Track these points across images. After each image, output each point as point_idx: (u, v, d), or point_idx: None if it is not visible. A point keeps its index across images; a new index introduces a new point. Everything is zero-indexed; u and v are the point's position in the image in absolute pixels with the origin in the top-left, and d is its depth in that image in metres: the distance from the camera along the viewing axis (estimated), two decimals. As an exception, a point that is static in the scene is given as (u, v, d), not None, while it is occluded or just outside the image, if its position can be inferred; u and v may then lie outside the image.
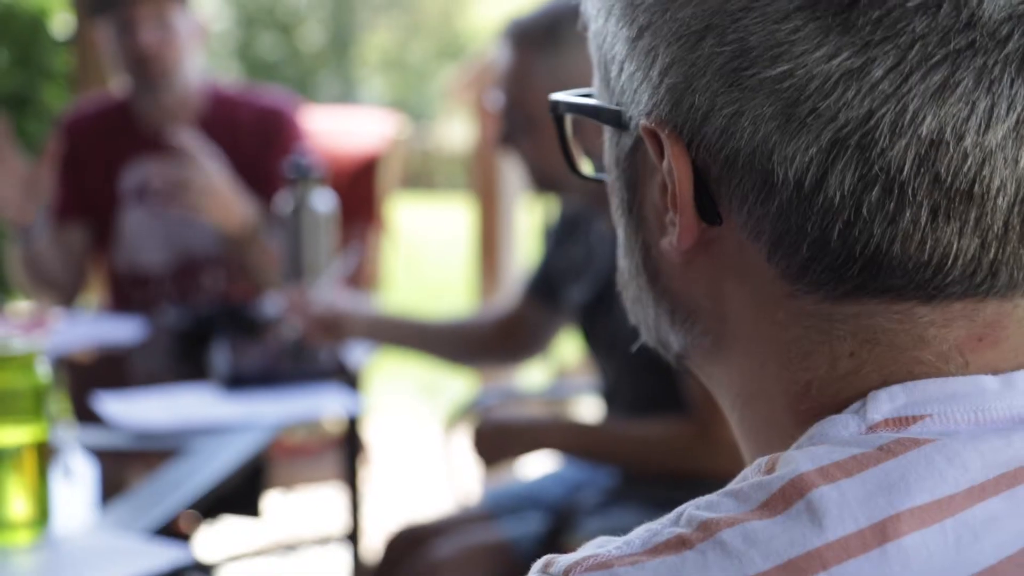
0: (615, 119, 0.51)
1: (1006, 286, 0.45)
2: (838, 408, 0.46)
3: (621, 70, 0.49)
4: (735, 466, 0.47)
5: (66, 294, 2.31)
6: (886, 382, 0.46)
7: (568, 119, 0.57)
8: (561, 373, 3.35)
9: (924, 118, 0.42)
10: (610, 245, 1.60)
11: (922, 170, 0.43)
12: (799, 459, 0.43)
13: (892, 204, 0.43)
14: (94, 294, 2.52)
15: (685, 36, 0.46)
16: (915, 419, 0.44)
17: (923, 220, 0.43)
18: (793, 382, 0.48)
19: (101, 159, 2.29)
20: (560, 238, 1.75)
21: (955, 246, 0.44)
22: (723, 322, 0.50)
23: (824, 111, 0.43)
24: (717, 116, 0.45)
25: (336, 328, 1.80)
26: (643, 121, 0.48)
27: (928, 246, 0.44)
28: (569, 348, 3.18)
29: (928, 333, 0.46)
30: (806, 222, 0.45)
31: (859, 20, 0.42)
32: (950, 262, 0.44)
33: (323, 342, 1.81)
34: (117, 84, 2.62)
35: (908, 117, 0.42)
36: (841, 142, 0.43)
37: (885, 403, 0.45)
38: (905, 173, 0.43)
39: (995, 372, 0.46)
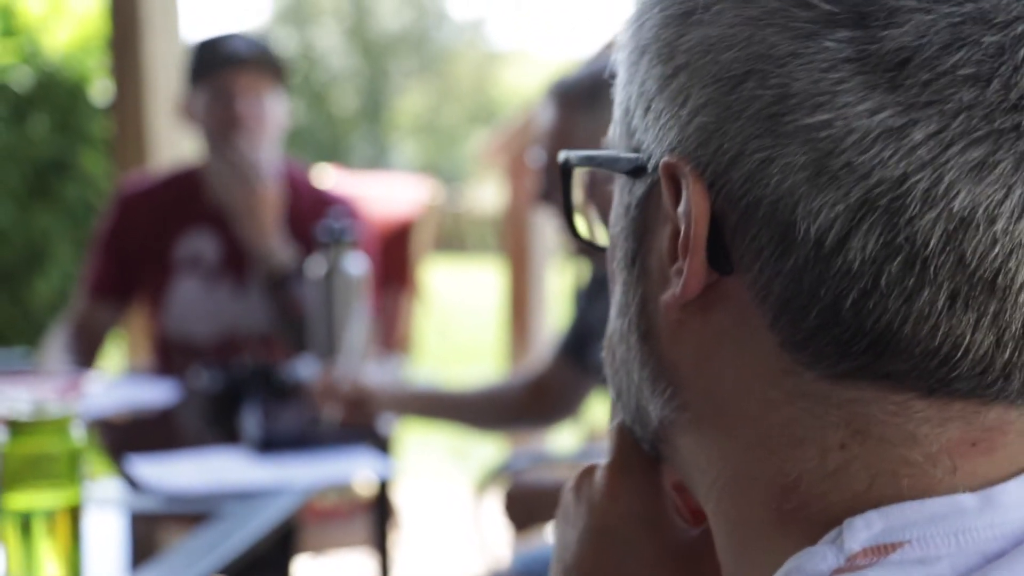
0: (630, 166, 0.49)
1: (1017, 392, 0.43)
2: (824, 515, 0.44)
3: (648, 109, 0.47)
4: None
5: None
6: (872, 484, 0.44)
7: (575, 178, 0.55)
8: (592, 437, 3.33)
9: (958, 193, 0.40)
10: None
11: (948, 248, 0.41)
12: None
13: (912, 280, 0.41)
14: (135, 354, 2.53)
15: (725, 79, 0.44)
16: (893, 547, 0.42)
17: (940, 304, 0.41)
18: (781, 474, 0.45)
19: (158, 225, 2.28)
20: (590, 297, 1.76)
21: (968, 338, 0.42)
22: (708, 395, 0.47)
23: (858, 167, 0.41)
24: (745, 161, 0.43)
25: (364, 406, 1.82)
26: (666, 157, 0.46)
27: (940, 332, 0.42)
28: (600, 411, 3.16)
29: (920, 431, 0.43)
30: (820, 286, 0.42)
31: (907, 80, 0.41)
32: (959, 354, 0.42)
33: (352, 421, 1.82)
34: (194, 155, 2.62)
35: (943, 188, 0.40)
36: (871, 203, 0.41)
37: (861, 531, 0.43)
38: (930, 248, 0.41)
39: (985, 481, 0.43)
